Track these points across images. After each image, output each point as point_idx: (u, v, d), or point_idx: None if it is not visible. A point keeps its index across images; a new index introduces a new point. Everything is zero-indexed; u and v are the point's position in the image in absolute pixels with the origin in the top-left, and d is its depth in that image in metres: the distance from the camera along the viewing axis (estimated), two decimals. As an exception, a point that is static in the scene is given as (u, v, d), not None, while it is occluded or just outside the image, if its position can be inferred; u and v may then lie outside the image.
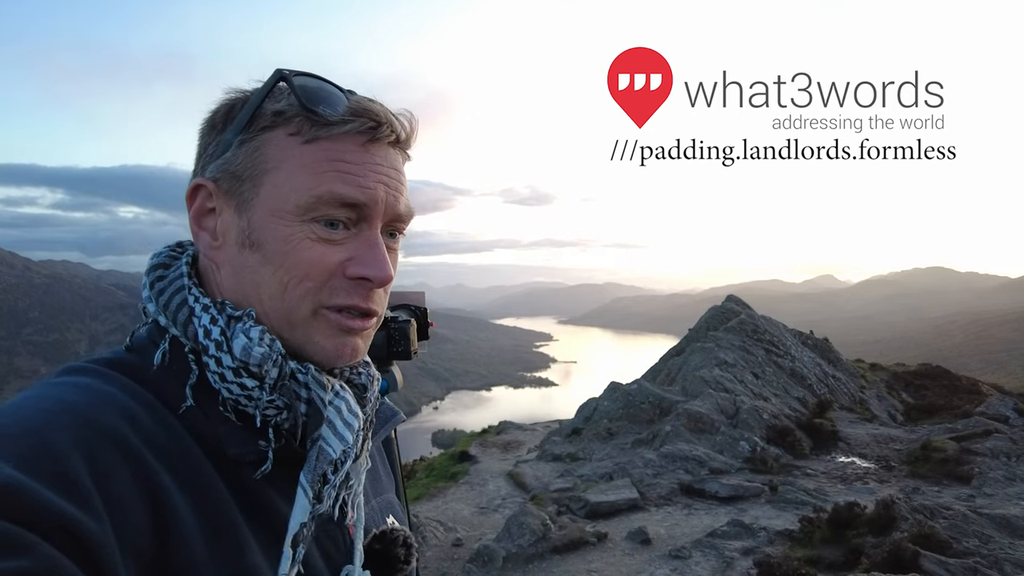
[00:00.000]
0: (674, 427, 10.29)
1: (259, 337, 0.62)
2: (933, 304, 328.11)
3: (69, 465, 0.49)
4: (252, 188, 0.64)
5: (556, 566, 6.16)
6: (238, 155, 0.64)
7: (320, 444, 0.63)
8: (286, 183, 0.63)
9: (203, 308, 0.64)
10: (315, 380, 0.65)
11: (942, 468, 8.70)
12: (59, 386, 0.58)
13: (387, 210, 0.67)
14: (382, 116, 0.66)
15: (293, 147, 0.64)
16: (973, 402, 13.64)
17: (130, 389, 0.60)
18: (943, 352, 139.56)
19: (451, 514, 8.33)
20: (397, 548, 0.75)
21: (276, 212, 0.63)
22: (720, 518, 7.15)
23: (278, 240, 0.63)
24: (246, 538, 0.59)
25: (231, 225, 0.65)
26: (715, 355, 13.55)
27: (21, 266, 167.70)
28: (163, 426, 0.58)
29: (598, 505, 7.58)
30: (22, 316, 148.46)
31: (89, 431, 0.53)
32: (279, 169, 0.63)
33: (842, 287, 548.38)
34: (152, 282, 0.67)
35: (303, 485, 0.61)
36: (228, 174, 0.65)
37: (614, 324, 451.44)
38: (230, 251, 0.65)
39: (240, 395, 0.61)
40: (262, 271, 0.64)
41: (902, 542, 5.13)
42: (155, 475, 0.54)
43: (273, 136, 0.64)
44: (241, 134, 0.65)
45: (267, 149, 0.64)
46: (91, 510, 0.48)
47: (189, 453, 0.59)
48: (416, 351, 1.01)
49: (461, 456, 11.73)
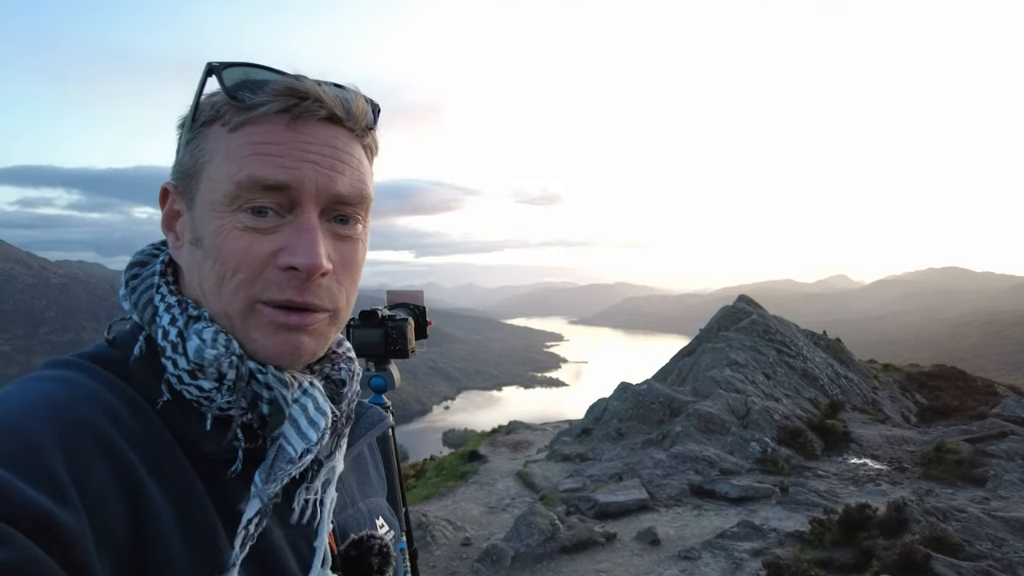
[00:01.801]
0: (684, 427, 10.25)
1: (212, 338, 0.61)
2: (948, 304, 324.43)
3: (47, 460, 0.49)
4: (195, 184, 0.63)
5: (565, 566, 6.16)
6: (186, 154, 0.64)
7: (280, 443, 0.62)
8: (216, 174, 0.62)
9: (166, 308, 0.63)
10: (276, 379, 0.62)
11: (956, 470, 8.60)
12: (42, 380, 0.58)
13: (320, 191, 0.62)
14: (309, 92, 0.62)
15: (222, 137, 0.62)
16: (988, 403, 13.47)
17: (112, 384, 0.59)
18: (958, 353, 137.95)
19: (460, 513, 8.35)
20: (372, 556, 0.73)
21: (210, 205, 0.62)
22: (730, 519, 7.12)
23: (211, 233, 0.62)
24: (221, 536, 0.58)
25: (185, 224, 0.65)
26: (726, 355, 13.49)
27: (38, 266, 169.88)
28: (143, 422, 0.58)
29: (607, 505, 7.57)
30: (39, 316, 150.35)
31: (69, 426, 0.52)
32: (212, 161, 0.62)
33: (855, 287, 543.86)
34: (128, 280, 0.67)
35: (256, 483, 0.60)
36: (181, 174, 0.65)
37: (625, 324, 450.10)
38: (186, 249, 0.65)
39: (199, 396, 0.60)
40: (204, 266, 0.63)
41: (913, 544, 5.08)
42: (133, 470, 0.54)
43: (211, 130, 0.63)
44: (188, 133, 0.65)
45: (205, 143, 0.63)
46: (68, 505, 0.48)
47: (168, 449, 0.58)
48: (414, 350, 1.01)
49: (471, 455, 11.74)
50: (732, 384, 12.08)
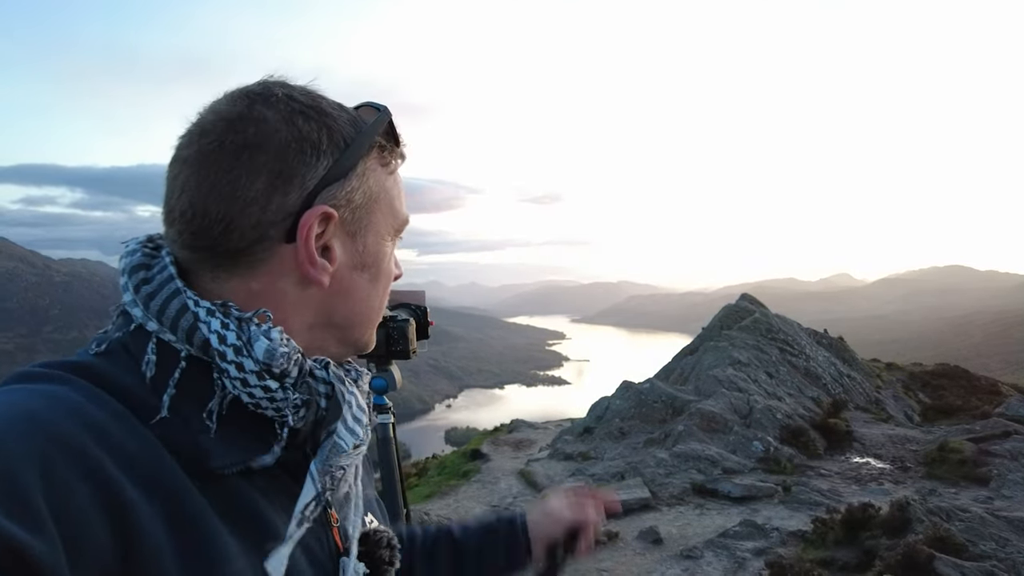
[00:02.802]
0: (687, 426, 10.24)
1: (280, 338, 0.61)
2: (951, 303, 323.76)
3: (22, 482, 0.46)
4: (365, 216, 0.69)
5: (566, 564, 6.15)
6: (358, 184, 0.68)
7: (334, 438, 0.65)
8: (387, 210, 0.72)
9: (207, 312, 0.61)
10: (335, 375, 0.68)
11: (959, 470, 8.58)
12: (19, 392, 0.55)
13: None
14: None
15: (384, 177, 0.71)
16: (992, 403, 13.43)
17: (97, 397, 0.56)
18: (962, 352, 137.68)
19: (462, 512, 8.36)
20: (381, 550, 0.74)
21: (380, 235, 0.72)
22: (732, 518, 7.11)
23: (383, 259, 0.73)
24: (226, 546, 0.56)
25: (345, 250, 0.69)
26: (729, 354, 13.47)
27: (41, 265, 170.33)
28: (132, 436, 0.55)
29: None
30: (42, 314, 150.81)
31: (48, 444, 0.49)
32: (380, 198, 0.71)
33: (858, 285, 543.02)
34: (137, 285, 0.63)
35: (312, 474, 0.63)
36: (348, 201, 0.67)
37: (628, 323, 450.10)
38: (342, 273, 0.69)
39: (263, 398, 0.61)
40: (371, 288, 0.72)
41: (917, 544, 5.06)
42: (119, 489, 0.51)
43: (372, 165, 0.70)
44: (360, 164, 0.68)
45: (372, 177, 0.70)
46: (43, 533, 0.45)
47: (161, 464, 0.56)
48: (415, 350, 1.01)
49: (473, 454, 11.75)
50: (734, 383, 12.06)
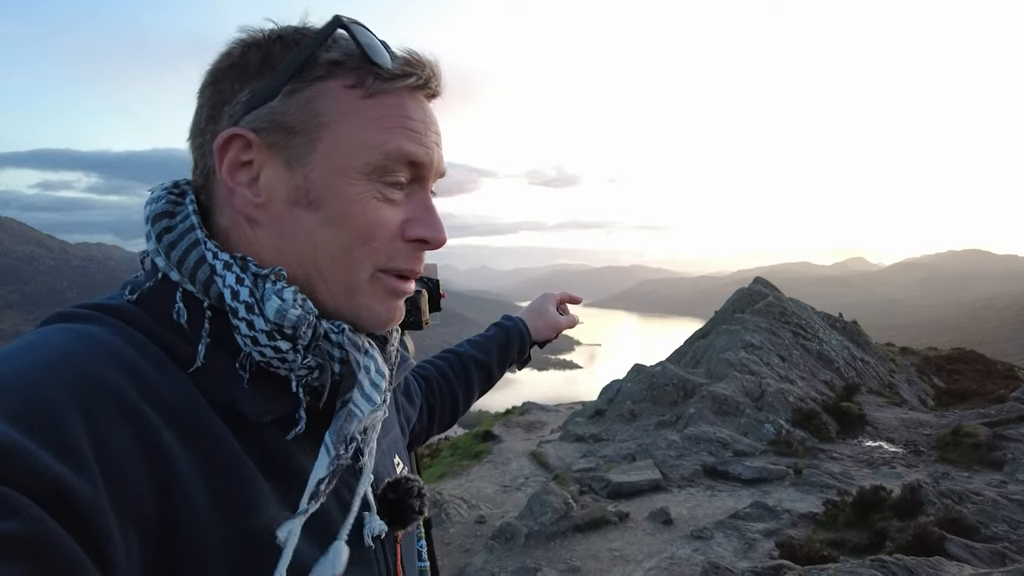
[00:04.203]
0: (698, 409, 10.26)
1: (292, 298, 0.58)
2: (969, 287, 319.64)
3: (65, 424, 0.47)
4: (307, 142, 0.60)
5: (578, 544, 6.22)
6: (288, 105, 0.60)
7: (349, 406, 0.62)
8: (350, 139, 0.60)
9: (224, 266, 0.59)
10: (350, 341, 0.63)
11: (973, 453, 8.54)
12: (58, 333, 0.55)
13: (437, 170, 0.67)
14: (433, 69, 0.65)
15: (354, 101, 0.61)
16: (1008, 387, 13.30)
17: (136, 341, 0.56)
18: (978, 336, 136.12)
19: (474, 492, 8.45)
20: (412, 499, 0.72)
21: (341, 170, 0.60)
22: (743, 500, 7.14)
23: (343, 199, 0.60)
24: (262, 493, 0.57)
25: (279, 181, 0.61)
26: (741, 337, 13.43)
27: (58, 249, 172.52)
28: (170, 382, 0.55)
29: (620, 485, 7.62)
30: (60, 297, 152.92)
31: (88, 387, 0.50)
32: (341, 123, 0.60)
33: (873, 270, 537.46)
34: (160, 234, 0.61)
35: (327, 444, 0.60)
36: (275, 125, 0.60)
37: (640, 307, 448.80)
38: (277, 209, 0.61)
39: (273, 358, 0.59)
40: (322, 232, 0.61)
41: (928, 526, 5.07)
42: (157, 434, 0.51)
43: (328, 87, 0.60)
44: (291, 83, 0.60)
45: (322, 100, 0.60)
46: (85, 472, 0.46)
47: (197, 410, 0.55)
48: (427, 322, 1.03)
49: (485, 435, 11.86)
50: (747, 366, 12.04)
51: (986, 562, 4.66)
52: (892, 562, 4.10)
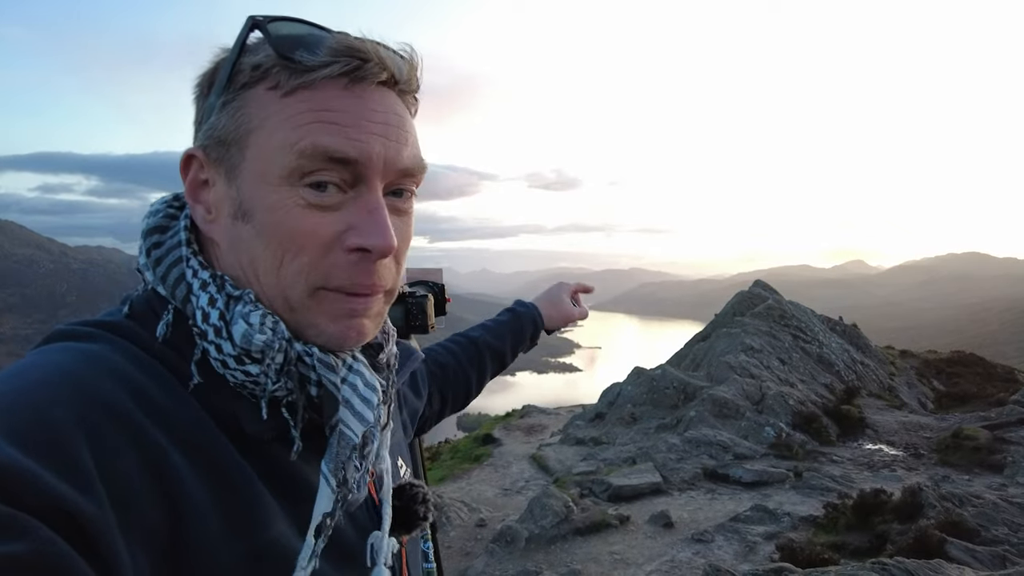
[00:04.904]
0: (698, 412, 10.26)
1: (260, 322, 0.56)
2: (968, 290, 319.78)
3: (70, 445, 0.46)
4: (239, 152, 0.57)
5: (578, 547, 6.22)
6: (221, 118, 0.58)
7: (340, 429, 0.59)
8: (268, 143, 0.56)
9: (201, 285, 0.58)
10: (321, 363, 0.59)
11: (973, 456, 8.54)
12: (60, 353, 0.54)
13: (387, 165, 0.58)
14: (370, 53, 0.57)
15: (274, 102, 0.56)
16: (1008, 390, 13.31)
17: (138, 360, 0.55)
18: (978, 339, 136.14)
19: (475, 495, 8.45)
20: (417, 505, 0.72)
21: (263, 177, 0.56)
22: (743, 503, 7.14)
23: (266, 209, 0.56)
24: (269, 510, 0.56)
25: (223, 196, 0.59)
26: (741, 340, 13.43)
27: (58, 251, 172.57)
28: (175, 400, 0.55)
29: (621, 488, 7.61)
30: (59, 300, 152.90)
31: (93, 407, 0.49)
32: (262, 128, 0.56)
33: (873, 272, 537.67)
34: (149, 248, 0.61)
35: (325, 475, 0.57)
36: (214, 140, 0.58)
37: (640, 310, 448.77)
38: (224, 224, 0.59)
39: (245, 381, 0.57)
40: (255, 245, 0.57)
41: (928, 529, 5.07)
42: (163, 453, 0.51)
43: (254, 93, 0.57)
44: (223, 95, 0.58)
45: (249, 108, 0.57)
46: (91, 492, 0.45)
47: (202, 428, 0.55)
48: (433, 326, 1.04)
49: (485, 439, 11.86)
50: (747, 369, 12.04)
51: (987, 565, 4.66)
52: (893, 565, 4.10)
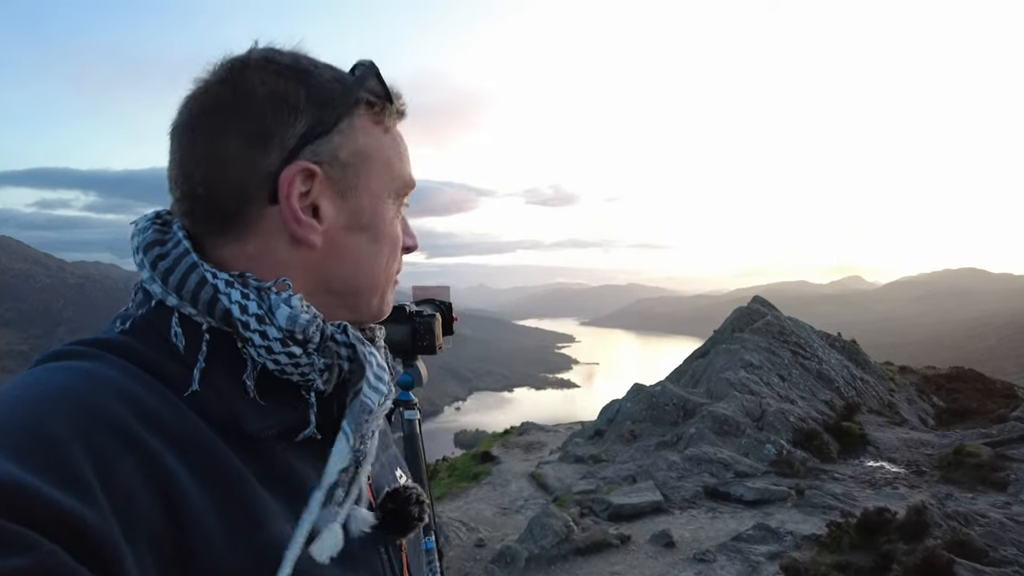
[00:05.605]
0: (698, 429, 10.18)
1: (300, 304, 0.63)
2: (965, 306, 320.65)
3: (70, 458, 0.48)
4: (355, 174, 0.68)
5: (579, 568, 6.13)
6: (339, 141, 0.67)
7: (360, 397, 0.66)
8: (384, 170, 0.71)
9: (226, 284, 0.62)
10: (355, 336, 0.69)
11: (976, 474, 8.46)
12: (57, 371, 0.57)
13: None
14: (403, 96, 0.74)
15: (380, 135, 0.71)
16: (1009, 406, 13.25)
17: (131, 372, 0.58)
18: (976, 355, 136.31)
19: (473, 514, 8.35)
20: (411, 506, 0.76)
21: (378, 195, 0.70)
22: (745, 522, 7.05)
23: (382, 221, 0.71)
24: (267, 509, 0.58)
25: (337, 209, 0.68)
26: (740, 357, 13.39)
27: (55, 267, 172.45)
28: (169, 408, 0.57)
29: (621, 507, 7.52)
30: (56, 316, 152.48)
31: (90, 420, 0.51)
32: (376, 157, 0.70)
33: (870, 288, 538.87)
34: (153, 262, 0.64)
35: (346, 432, 0.64)
36: (332, 159, 0.66)
37: (637, 326, 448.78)
38: (334, 234, 0.68)
39: (287, 363, 0.62)
40: (369, 250, 0.71)
41: (936, 549, 5.00)
42: (160, 459, 0.53)
43: (363, 124, 0.69)
44: (343, 120, 0.67)
45: (362, 137, 0.69)
46: (94, 504, 0.47)
47: (197, 432, 0.57)
48: (441, 345, 1.01)
49: (483, 457, 11.73)
50: (747, 386, 11.99)
51: (995, 586, 4.59)
52: (900, 587, 4.04)
